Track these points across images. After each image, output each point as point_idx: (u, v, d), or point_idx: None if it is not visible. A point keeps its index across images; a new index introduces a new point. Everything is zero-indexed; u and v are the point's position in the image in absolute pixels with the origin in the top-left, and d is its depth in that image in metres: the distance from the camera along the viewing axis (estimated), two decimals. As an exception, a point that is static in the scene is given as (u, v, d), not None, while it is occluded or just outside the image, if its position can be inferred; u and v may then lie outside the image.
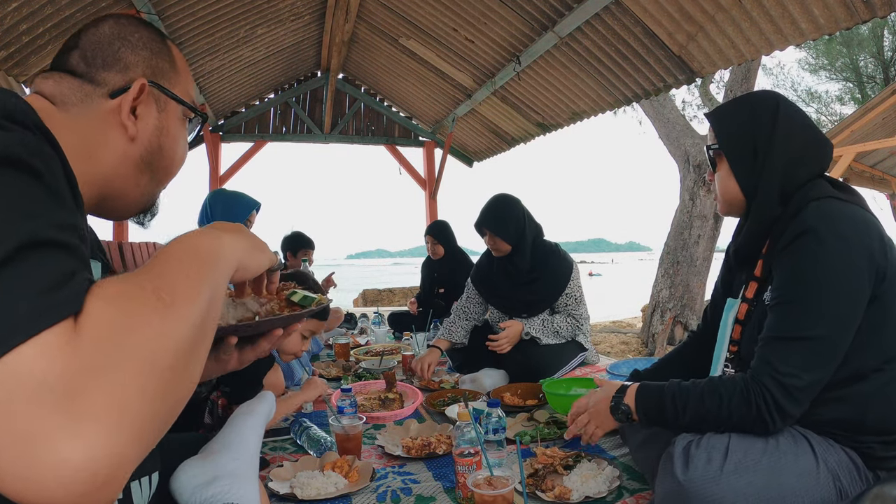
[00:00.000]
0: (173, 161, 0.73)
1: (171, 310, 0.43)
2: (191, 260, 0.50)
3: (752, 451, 1.03)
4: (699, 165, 7.12)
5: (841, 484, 1.03)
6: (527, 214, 2.50)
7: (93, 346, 0.38)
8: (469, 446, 1.27)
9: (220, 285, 0.52)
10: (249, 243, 0.62)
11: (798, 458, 1.03)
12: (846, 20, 2.24)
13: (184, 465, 0.93)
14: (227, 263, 0.56)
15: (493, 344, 2.42)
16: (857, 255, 1.00)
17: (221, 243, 0.56)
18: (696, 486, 1.00)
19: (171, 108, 0.71)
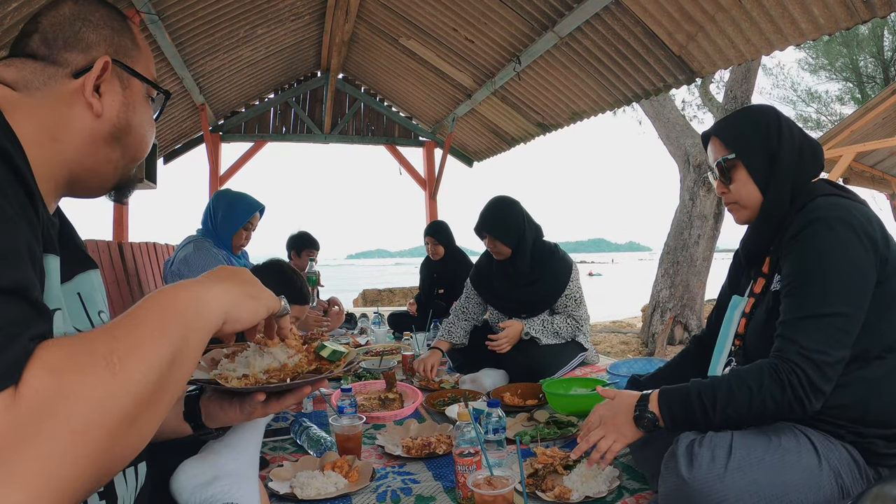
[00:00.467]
0: (142, 137, 0.72)
1: (117, 377, 0.44)
2: (161, 317, 0.51)
3: (755, 449, 1.03)
4: (699, 165, 7.12)
5: (843, 481, 1.04)
6: (526, 216, 2.50)
7: (28, 416, 0.39)
8: (469, 446, 1.27)
9: (193, 342, 0.53)
10: (242, 292, 0.62)
11: (801, 455, 1.03)
12: (846, 20, 2.24)
13: (184, 465, 0.93)
14: (209, 318, 0.56)
15: (492, 344, 2.42)
16: (864, 240, 1.06)
17: (205, 297, 0.56)
18: (700, 483, 1.00)
19: (135, 86, 0.71)
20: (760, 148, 1.22)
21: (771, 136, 1.21)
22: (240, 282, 0.64)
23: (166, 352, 0.49)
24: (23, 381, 0.41)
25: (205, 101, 5.07)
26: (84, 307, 0.68)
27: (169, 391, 0.50)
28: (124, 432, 0.45)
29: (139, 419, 0.46)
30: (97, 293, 0.73)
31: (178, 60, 4.02)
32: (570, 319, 2.49)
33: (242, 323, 0.62)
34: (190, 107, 5.09)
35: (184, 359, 0.51)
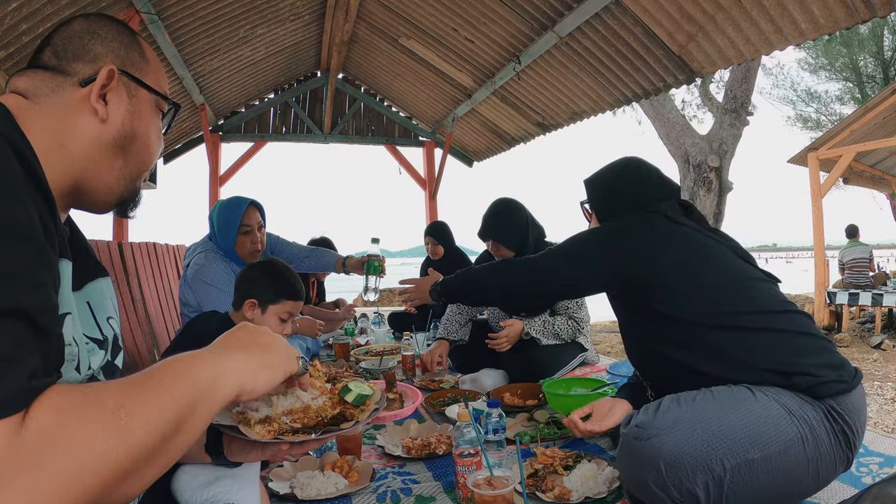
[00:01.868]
0: (147, 147, 0.73)
1: (120, 432, 0.46)
2: (174, 382, 0.52)
3: (684, 397, 1.13)
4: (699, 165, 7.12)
5: (787, 405, 1.09)
6: (529, 219, 2.49)
7: (29, 449, 0.41)
8: (469, 446, 1.27)
9: (202, 412, 0.54)
10: (258, 363, 0.63)
11: (732, 392, 1.13)
12: (846, 20, 2.24)
13: (184, 466, 0.93)
14: (222, 392, 0.57)
15: (492, 343, 2.42)
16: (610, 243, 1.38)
17: (221, 371, 0.58)
18: (634, 429, 1.09)
19: (143, 96, 0.72)
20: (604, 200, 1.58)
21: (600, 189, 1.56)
22: (258, 350, 0.65)
23: (173, 417, 0.50)
24: (29, 416, 0.43)
25: (205, 101, 5.07)
26: (93, 315, 0.69)
27: (168, 454, 0.51)
28: (116, 485, 0.46)
29: (133, 475, 0.47)
30: (107, 300, 0.74)
31: (178, 60, 4.02)
32: (570, 321, 2.49)
33: (257, 394, 0.63)
34: (190, 107, 5.09)
35: (189, 426, 0.53)
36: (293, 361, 0.70)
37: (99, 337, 0.68)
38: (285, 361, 0.68)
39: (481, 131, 5.98)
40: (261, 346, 0.66)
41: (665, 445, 1.03)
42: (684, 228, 1.36)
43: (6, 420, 0.41)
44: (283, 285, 1.70)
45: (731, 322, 1.22)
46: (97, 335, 0.68)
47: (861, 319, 7.69)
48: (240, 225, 2.33)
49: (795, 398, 1.11)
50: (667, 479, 1.02)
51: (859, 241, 7.55)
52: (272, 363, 0.66)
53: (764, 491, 1.06)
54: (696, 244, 1.33)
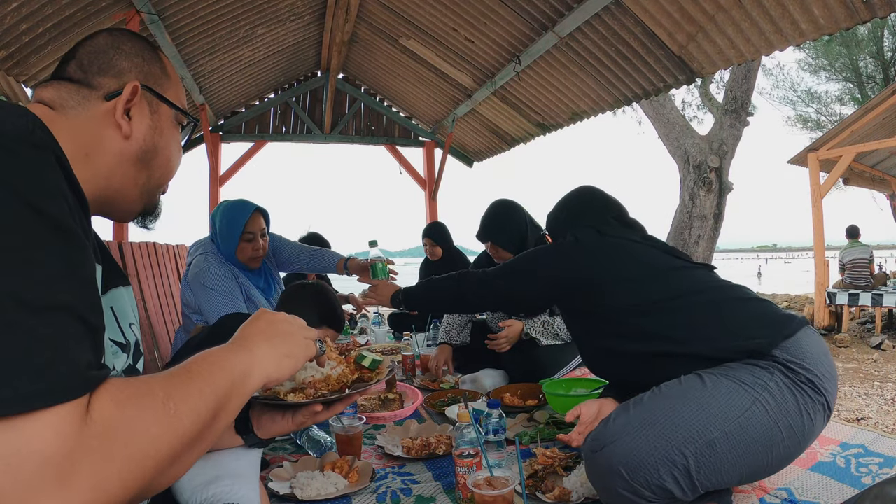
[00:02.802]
0: (169, 161, 0.76)
1: (171, 421, 0.51)
2: (215, 378, 0.58)
3: (634, 401, 1.16)
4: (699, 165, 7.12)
5: (738, 376, 1.12)
6: (528, 220, 2.48)
7: (95, 439, 0.45)
8: (469, 447, 1.27)
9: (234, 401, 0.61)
10: (281, 353, 0.70)
11: (681, 384, 1.16)
12: (846, 20, 2.24)
13: (184, 466, 0.93)
14: (254, 382, 0.64)
15: (492, 343, 2.42)
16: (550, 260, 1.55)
17: (251, 365, 0.64)
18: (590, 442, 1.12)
19: (164, 111, 0.75)
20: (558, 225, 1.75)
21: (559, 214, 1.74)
22: (280, 340, 0.71)
23: (213, 406, 0.56)
24: (92, 407, 0.46)
25: (205, 100, 5.07)
26: (117, 320, 0.72)
27: (207, 439, 0.57)
28: (168, 466, 0.51)
29: (181, 458, 0.53)
30: (128, 307, 0.77)
31: (178, 60, 4.02)
32: None
33: (282, 380, 0.70)
34: (190, 107, 5.09)
35: (225, 414, 0.59)
36: (311, 346, 0.76)
37: (122, 341, 0.71)
38: (304, 348, 0.74)
39: (481, 131, 5.98)
40: (282, 335, 0.71)
41: (620, 450, 1.05)
42: (611, 238, 1.53)
43: (71, 404, 0.44)
44: (328, 312, 1.75)
45: (654, 308, 1.35)
46: (120, 339, 0.71)
47: (861, 320, 7.69)
48: (243, 231, 2.27)
49: (745, 367, 1.14)
50: (632, 482, 1.04)
51: (860, 241, 7.56)
52: (293, 352, 0.72)
53: (738, 465, 1.07)
54: (621, 250, 1.49)
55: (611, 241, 1.52)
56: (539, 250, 1.61)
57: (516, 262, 1.64)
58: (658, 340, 1.32)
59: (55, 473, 0.42)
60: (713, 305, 1.31)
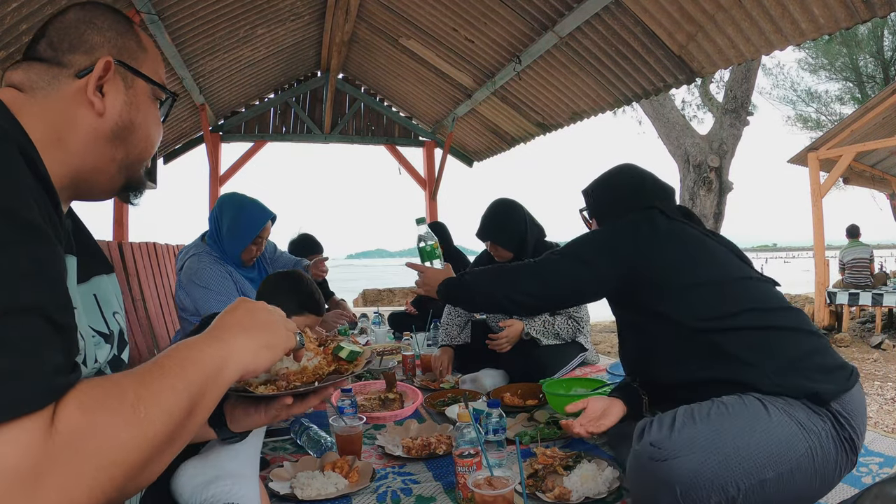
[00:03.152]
0: (146, 137, 0.72)
1: (142, 425, 0.48)
2: (185, 370, 0.55)
3: (699, 411, 1.11)
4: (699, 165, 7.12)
5: (797, 417, 1.08)
6: (528, 219, 2.49)
7: (62, 450, 0.43)
8: (469, 447, 1.27)
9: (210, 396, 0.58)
10: (259, 344, 0.66)
11: (745, 406, 1.11)
12: (846, 20, 2.24)
13: (184, 465, 0.93)
14: (230, 375, 0.61)
15: (492, 343, 2.42)
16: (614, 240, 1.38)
17: (227, 356, 0.61)
18: (649, 447, 1.07)
19: (140, 86, 0.71)
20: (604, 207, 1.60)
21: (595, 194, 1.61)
22: (258, 330, 0.67)
23: (186, 404, 0.53)
24: (58, 416, 0.44)
25: (205, 101, 5.07)
26: (100, 308, 0.70)
27: (182, 438, 0.55)
28: (140, 472, 0.49)
29: (154, 461, 0.51)
30: (112, 295, 0.75)
31: (178, 60, 4.02)
32: (570, 321, 2.49)
33: (259, 372, 0.67)
34: (190, 107, 5.09)
35: (200, 410, 0.56)
36: (291, 338, 0.73)
37: (105, 331, 0.69)
38: (284, 339, 0.71)
39: (481, 131, 5.98)
40: (260, 325, 0.68)
41: (682, 469, 1.02)
42: (683, 225, 1.36)
43: (34, 417, 0.42)
44: (308, 297, 1.74)
45: (733, 322, 1.21)
46: (103, 329, 0.69)
47: (861, 319, 7.69)
48: (256, 236, 2.34)
49: (804, 409, 1.10)
50: (681, 500, 1.01)
51: (860, 241, 7.56)
52: (272, 342, 0.68)
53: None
54: (695, 241, 1.34)
55: (683, 227, 1.36)
56: (598, 232, 1.43)
57: (575, 248, 1.42)
58: (724, 358, 1.20)
59: (21, 488, 0.41)
60: (785, 333, 1.21)
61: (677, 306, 1.28)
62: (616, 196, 1.52)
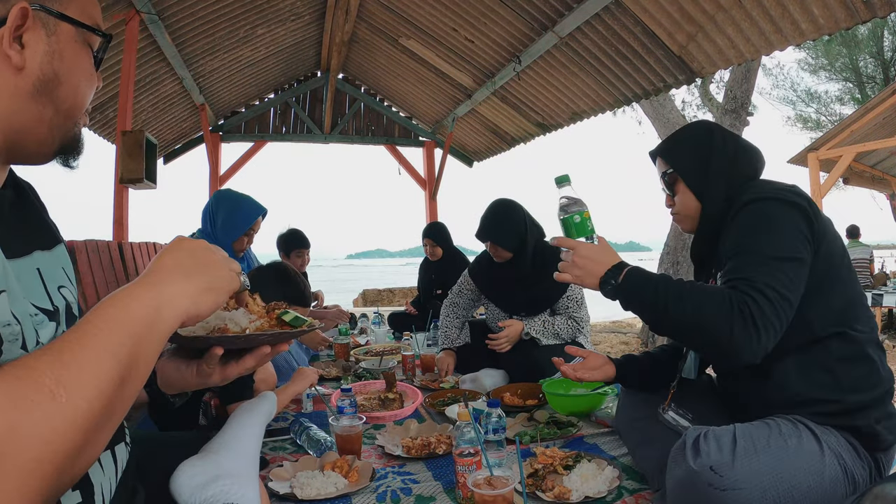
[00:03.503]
0: (75, 88, 0.64)
1: (65, 412, 0.43)
2: (110, 335, 0.49)
3: (758, 437, 1.06)
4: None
5: (845, 462, 1.06)
6: (528, 219, 2.49)
7: None
8: (469, 446, 1.27)
9: (145, 355, 0.52)
10: (199, 287, 0.60)
11: (801, 440, 1.06)
12: (846, 20, 2.24)
13: (183, 465, 0.93)
14: (163, 328, 0.55)
15: (492, 343, 2.42)
16: (793, 212, 1.12)
17: (160, 304, 0.55)
18: (709, 471, 1.02)
19: (64, 31, 0.62)
20: (694, 159, 1.31)
21: (702, 147, 1.30)
22: (200, 271, 0.61)
23: (115, 374, 0.48)
24: None
25: (205, 101, 5.07)
26: (44, 283, 0.64)
27: (118, 410, 0.49)
28: (73, 460, 0.45)
29: (88, 445, 0.46)
30: (59, 269, 0.69)
31: (178, 60, 4.02)
32: (570, 321, 2.49)
33: (203, 316, 0.61)
34: (190, 107, 5.09)
35: (134, 375, 0.51)
36: (235, 279, 0.67)
37: (49, 307, 0.62)
38: (227, 280, 0.65)
39: (481, 131, 5.98)
40: (202, 265, 0.62)
41: (740, 501, 0.99)
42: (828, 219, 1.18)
43: None
44: (293, 289, 1.72)
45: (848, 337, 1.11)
46: (46, 305, 0.62)
47: (861, 319, 7.68)
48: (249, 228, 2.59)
49: (852, 452, 1.08)
50: None
51: (860, 241, 7.55)
52: (215, 284, 0.62)
53: None
54: (840, 242, 1.18)
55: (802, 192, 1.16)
56: (774, 213, 1.12)
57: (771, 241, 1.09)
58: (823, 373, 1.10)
59: None
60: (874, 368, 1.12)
61: (813, 308, 1.11)
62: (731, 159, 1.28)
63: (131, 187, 3.36)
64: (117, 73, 3.58)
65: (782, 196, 1.13)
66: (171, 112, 4.94)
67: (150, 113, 4.68)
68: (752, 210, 1.15)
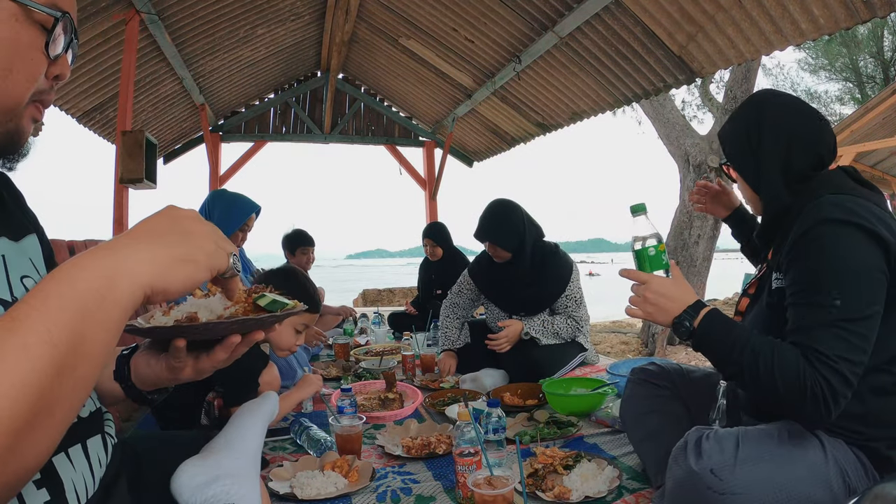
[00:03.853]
0: (8, 75, 0.55)
1: None
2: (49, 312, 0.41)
3: (762, 443, 1.04)
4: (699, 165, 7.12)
5: (849, 479, 1.04)
6: (526, 219, 2.49)
7: None
8: (469, 446, 1.27)
9: (93, 335, 0.43)
10: (169, 256, 0.50)
11: (807, 450, 1.04)
12: (846, 20, 2.24)
13: (184, 465, 0.93)
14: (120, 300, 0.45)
15: (492, 343, 2.42)
16: (872, 242, 1.00)
17: (114, 272, 0.45)
18: (709, 474, 1.01)
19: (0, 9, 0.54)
20: (744, 151, 1.22)
21: (749, 137, 1.20)
22: (177, 238, 0.51)
23: (46, 363, 0.40)
24: None
25: (205, 101, 5.07)
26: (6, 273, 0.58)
27: (61, 402, 0.42)
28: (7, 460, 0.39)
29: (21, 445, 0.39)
30: (26, 259, 0.63)
31: (178, 60, 4.02)
32: (570, 320, 2.49)
33: (174, 293, 0.50)
34: (190, 107, 5.09)
35: (79, 360, 0.42)
36: (222, 256, 0.55)
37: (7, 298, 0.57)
38: (211, 254, 0.54)
39: (481, 131, 5.98)
40: (181, 233, 0.52)
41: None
42: None
43: None
44: (302, 293, 1.69)
45: None
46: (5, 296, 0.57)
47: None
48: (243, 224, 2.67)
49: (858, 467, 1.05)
50: None
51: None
52: (193, 255, 0.52)
53: None
54: None
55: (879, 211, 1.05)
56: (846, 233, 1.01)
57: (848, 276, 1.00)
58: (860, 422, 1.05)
59: None
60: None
61: None
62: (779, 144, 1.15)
63: (131, 187, 3.36)
64: (117, 73, 3.58)
65: (862, 222, 1.00)
66: (171, 112, 4.94)
67: (150, 113, 4.68)
68: (822, 238, 1.02)
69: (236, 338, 0.66)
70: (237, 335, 0.65)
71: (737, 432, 1.07)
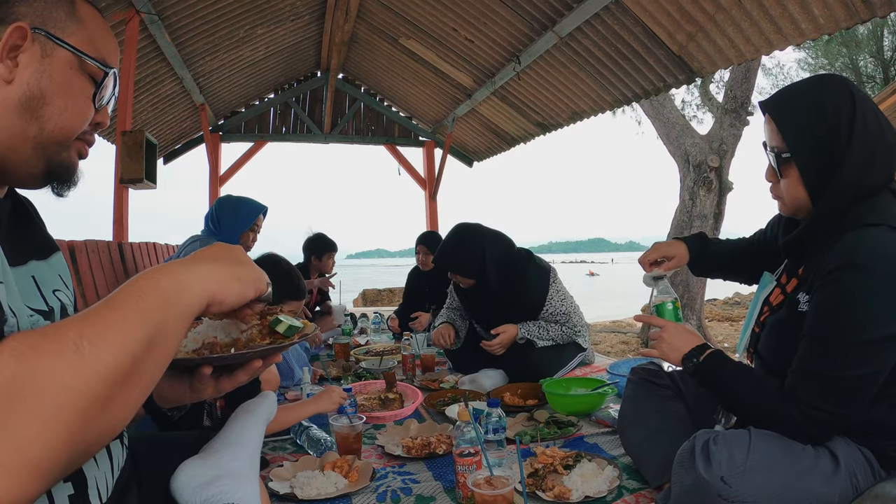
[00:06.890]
0: (64, 111, 0.65)
1: (86, 361, 0.45)
2: (139, 301, 0.51)
3: (773, 450, 1.03)
4: (699, 165, 7.13)
5: (857, 481, 1.04)
6: (487, 242, 2.41)
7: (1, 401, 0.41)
8: (469, 446, 1.27)
9: (172, 325, 0.53)
10: (227, 274, 0.61)
11: (818, 458, 1.03)
12: (846, 20, 2.24)
13: (184, 465, 0.93)
14: (191, 302, 0.56)
15: (486, 348, 2.41)
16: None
17: (188, 280, 0.56)
18: (720, 482, 1.00)
19: (60, 56, 0.65)
20: (818, 147, 1.03)
21: (839, 136, 1.01)
22: (229, 262, 0.63)
23: (141, 335, 0.49)
24: None
25: (205, 101, 5.07)
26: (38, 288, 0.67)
27: (146, 374, 0.51)
28: (97, 414, 0.46)
29: (113, 401, 0.47)
30: (53, 275, 0.71)
31: (178, 60, 4.02)
32: (565, 328, 2.46)
33: (228, 305, 0.61)
34: (190, 107, 5.09)
35: (162, 342, 0.52)
36: (263, 281, 0.68)
37: (44, 308, 0.65)
38: (256, 278, 0.66)
39: (481, 131, 5.98)
40: (234, 259, 0.64)
41: None
42: None
43: None
44: (287, 284, 1.69)
45: None
46: (41, 306, 0.65)
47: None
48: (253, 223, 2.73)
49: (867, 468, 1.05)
50: None
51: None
52: (245, 276, 0.64)
53: None
54: None
55: None
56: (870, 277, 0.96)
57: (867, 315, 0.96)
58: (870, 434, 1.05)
59: None
60: None
61: None
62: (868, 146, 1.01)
63: (131, 187, 3.36)
64: (117, 73, 3.58)
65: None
66: (171, 112, 4.94)
67: (150, 113, 4.68)
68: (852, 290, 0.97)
69: (258, 363, 0.74)
70: (259, 360, 0.74)
71: (746, 436, 1.05)
